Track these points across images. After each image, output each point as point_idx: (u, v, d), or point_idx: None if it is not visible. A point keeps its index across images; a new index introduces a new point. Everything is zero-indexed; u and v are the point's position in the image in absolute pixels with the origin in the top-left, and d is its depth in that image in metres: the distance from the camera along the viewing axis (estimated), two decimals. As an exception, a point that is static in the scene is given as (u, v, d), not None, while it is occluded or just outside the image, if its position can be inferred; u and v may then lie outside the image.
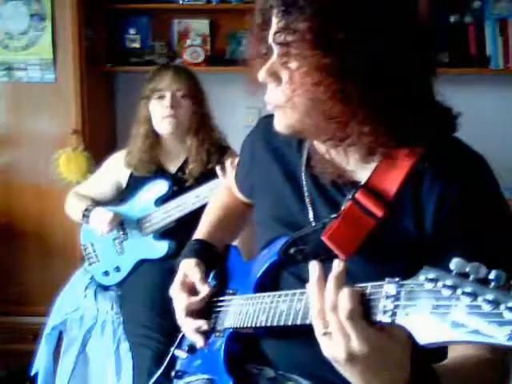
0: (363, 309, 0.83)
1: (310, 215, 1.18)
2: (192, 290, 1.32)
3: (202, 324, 1.29)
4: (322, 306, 0.85)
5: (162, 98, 2.40)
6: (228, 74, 3.15)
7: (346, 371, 0.85)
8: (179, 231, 2.33)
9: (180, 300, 1.31)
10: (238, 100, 3.10)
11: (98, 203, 2.54)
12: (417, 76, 1.05)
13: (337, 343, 0.83)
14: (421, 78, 1.06)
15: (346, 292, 0.83)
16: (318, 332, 0.86)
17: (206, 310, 1.32)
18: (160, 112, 2.40)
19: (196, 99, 2.45)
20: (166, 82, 2.40)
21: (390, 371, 0.83)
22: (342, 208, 1.11)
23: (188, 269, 1.33)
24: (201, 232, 1.47)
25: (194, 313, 1.30)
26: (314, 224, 1.17)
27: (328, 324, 0.84)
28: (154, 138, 2.48)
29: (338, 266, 0.86)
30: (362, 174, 1.13)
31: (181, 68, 2.59)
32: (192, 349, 1.37)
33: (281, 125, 1.11)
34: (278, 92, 1.08)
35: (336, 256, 1.08)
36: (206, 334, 1.30)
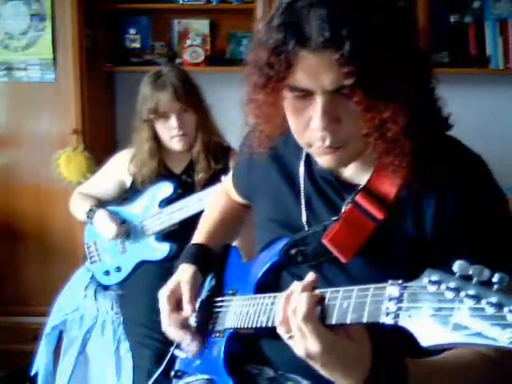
0: (320, 312, 0.90)
1: (306, 218, 1.18)
2: (178, 303, 1.32)
3: (182, 338, 1.31)
4: (286, 314, 0.94)
5: (166, 118, 2.35)
6: (228, 73, 3.14)
7: (313, 366, 0.93)
8: (181, 234, 2.30)
9: (163, 310, 1.32)
10: (237, 100, 3.08)
11: (102, 202, 2.53)
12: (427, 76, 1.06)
13: (296, 343, 0.92)
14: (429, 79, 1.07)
15: (303, 296, 0.91)
16: (284, 337, 0.95)
17: (205, 311, 1.32)
18: (168, 133, 2.38)
19: (197, 107, 2.42)
20: (167, 102, 2.33)
21: (348, 366, 0.90)
22: (343, 211, 1.11)
23: (183, 277, 1.34)
24: (199, 235, 1.47)
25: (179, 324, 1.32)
26: (310, 226, 1.17)
27: (290, 328, 0.93)
28: (160, 149, 2.45)
29: (310, 277, 0.96)
30: (361, 176, 1.13)
31: (175, 80, 2.37)
32: (191, 349, 1.37)
33: (342, 161, 1.07)
34: (339, 131, 1.02)
35: (336, 258, 1.09)
36: (201, 340, 1.32)
